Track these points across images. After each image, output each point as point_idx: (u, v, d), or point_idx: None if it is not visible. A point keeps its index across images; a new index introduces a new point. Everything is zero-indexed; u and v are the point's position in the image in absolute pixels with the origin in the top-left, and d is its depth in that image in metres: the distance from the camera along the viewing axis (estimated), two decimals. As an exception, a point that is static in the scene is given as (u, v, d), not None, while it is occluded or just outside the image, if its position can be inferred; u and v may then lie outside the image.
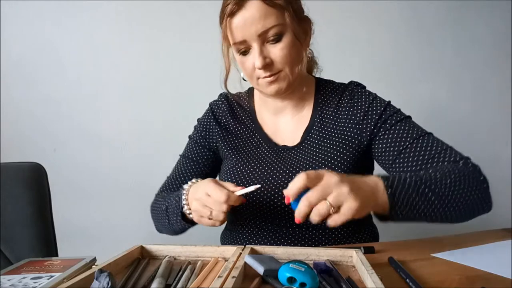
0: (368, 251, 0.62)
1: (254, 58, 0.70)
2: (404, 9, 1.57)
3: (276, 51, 0.70)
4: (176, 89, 1.46)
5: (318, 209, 0.50)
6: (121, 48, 1.43)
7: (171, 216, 0.74)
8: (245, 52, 0.72)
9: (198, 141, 0.89)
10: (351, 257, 0.55)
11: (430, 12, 1.59)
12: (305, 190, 0.51)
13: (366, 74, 1.50)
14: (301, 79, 0.80)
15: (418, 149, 0.70)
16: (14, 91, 1.38)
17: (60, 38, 1.39)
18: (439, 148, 0.69)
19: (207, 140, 0.88)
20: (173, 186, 0.88)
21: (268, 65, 0.70)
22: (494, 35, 1.64)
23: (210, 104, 0.92)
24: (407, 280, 0.48)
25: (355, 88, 0.82)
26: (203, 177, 0.71)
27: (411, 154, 0.70)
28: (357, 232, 0.77)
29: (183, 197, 0.68)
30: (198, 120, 0.92)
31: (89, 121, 1.44)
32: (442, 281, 0.50)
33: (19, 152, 1.37)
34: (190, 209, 0.67)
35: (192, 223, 0.72)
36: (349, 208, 0.49)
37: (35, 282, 0.51)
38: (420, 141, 0.71)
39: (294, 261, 0.47)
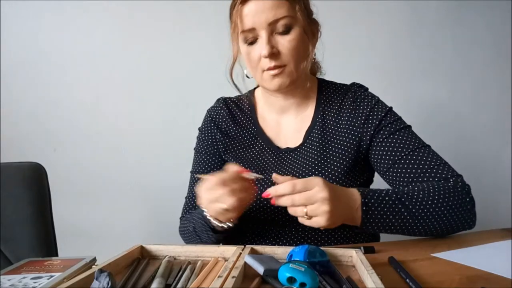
0: (368, 251, 0.61)
1: (261, 48, 0.70)
2: (404, 9, 1.57)
3: (284, 43, 0.70)
4: (176, 89, 1.46)
5: (295, 211, 0.57)
6: (121, 47, 1.43)
7: (201, 234, 0.72)
8: (252, 42, 0.72)
9: (206, 150, 0.86)
10: (351, 257, 0.55)
11: (430, 12, 1.59)
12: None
13: (366, 74, 1.49)
14: (305, 77, 0.79)
15: (412, 161, 0.70)
16: (14, 91, 1.38)
17: (60, 38, 1.39)
18: (433, 163, 0.69)
19: (214, 146, 0.85)
20: (194, 206, 0.84)
21: (274, 55, 0.70)
22: (494, 35, 1.64)
23: (209, 111, 0.89)
24: (407, 280, 0.48)
25: (358, 90, 0.82)
26: None
27: (405, 166, 0.70)
28: (358, 232, 0.77)
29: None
30: (200, 129, 0.89)
31: (89, 121, 1.43)
32: (442, 281, 0.50)
33: (19, 152, 1.36)
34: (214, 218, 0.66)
35: (224, 232, 0.70)
36: (317, 223, 0.56)
37: (35, 282, 0.51)
38: (416, 153, 0.71)
39: (294, 261, 0.47)
